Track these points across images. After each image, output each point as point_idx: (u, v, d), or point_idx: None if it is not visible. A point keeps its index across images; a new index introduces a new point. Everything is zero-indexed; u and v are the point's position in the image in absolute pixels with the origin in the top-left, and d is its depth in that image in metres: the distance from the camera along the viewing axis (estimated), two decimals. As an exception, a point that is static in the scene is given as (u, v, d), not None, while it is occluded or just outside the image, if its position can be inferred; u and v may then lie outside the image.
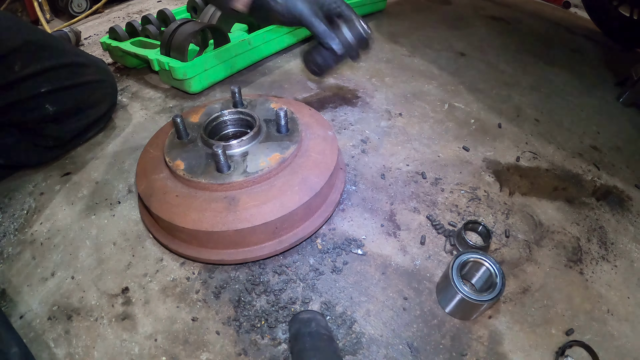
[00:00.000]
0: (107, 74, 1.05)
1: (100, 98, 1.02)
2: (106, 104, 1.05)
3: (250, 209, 0.67)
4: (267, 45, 1.38)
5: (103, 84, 1.02)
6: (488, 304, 0.62)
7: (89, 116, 1.00)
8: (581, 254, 0.81)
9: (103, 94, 1.03)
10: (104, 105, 1.04)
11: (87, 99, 0.98)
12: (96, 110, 1.02)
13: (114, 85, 1.08)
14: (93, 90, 0.99)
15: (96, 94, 1.00)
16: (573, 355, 0.65)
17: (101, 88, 1.01)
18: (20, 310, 0.70)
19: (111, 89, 1.06)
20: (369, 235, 0.81)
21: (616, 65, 1.62)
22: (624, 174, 1.03)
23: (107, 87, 1.04)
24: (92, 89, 0.98)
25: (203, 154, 0.75)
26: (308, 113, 0.91)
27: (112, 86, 1.07)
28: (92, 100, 0.99)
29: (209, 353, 0.63)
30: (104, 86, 1.02)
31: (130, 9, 2.12)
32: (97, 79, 0.99)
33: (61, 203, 0.88)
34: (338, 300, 0.70)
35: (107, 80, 1.04)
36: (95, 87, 0.99)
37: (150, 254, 0.78)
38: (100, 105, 1.03)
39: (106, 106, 1.05)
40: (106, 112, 1.06)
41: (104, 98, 1.03)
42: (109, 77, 1.05)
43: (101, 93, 1.02)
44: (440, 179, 0.95)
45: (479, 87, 1.34)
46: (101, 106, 1.03)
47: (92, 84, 0.97)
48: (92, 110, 1.00)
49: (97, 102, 1.01)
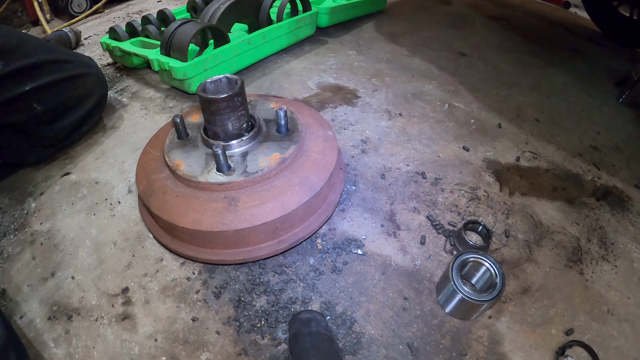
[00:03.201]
0: (92, 67, 1.04)
1: (87, 91, 1.02)
2: (95, 96, 1.04)
3: (250, 209, 0.67)
4: (267, 45, 1.38)
5: (88, 77, 1.01)
6: (488, 304, 0.62)
7: (79, 111, 1.00)
8: (581, 254, 0.81)
9: (90, 87, 1.02)
10: (93, 98, 1.03)
11: (74, 93, 0.98)
12: (86, 104, 1.01)
13: (101, 77, 1.08)
14: (79, 84, 0.98)
15: (83, 88, 1.00)
16: (573, 355, 0.65)
17: (87, 81, 1.01)
18: (20, 310, 0.70)
19: (98, 81, 1.06)
20: (369, 235, 0.81)
21: (616, 65, 1.62)
22: (624, 174, 1.03)
23: (94, 80, 1.04)
24: (78, 83, 0.98)
25: (203, 154, 0.75)
26: (308, 113, 0.91)
27: (98, 78, 1.06)
28: (79, 95, 0.99)
29: (209, 353, 0.63)
30: (90, 79, 1.02)
31: (130, 9, 2.12)
32: (81, 73, 0.99)
33: (61, 203, 0.88)
34: (338, 300, 0.70)
35: (92, 73, 1.03)
36: (80, 81, 0.99)
37: (150, 254, 0.78)
38: (89, 98, 1.02)
39: (95, 99, 1.04)
40: (96, 104, 1.05)
41: (92, 90, 1.03)
42: (94, 70, 1.05)
43: (88, 86, 1.02)
44: (440, 179, 0.95)
45: (479, 87, 1.33)
46: (90, 99, 1.03)
47: (77, 79, 0.97)
48: (82, 105, 1.00)
49: (86, 96, 1.01)
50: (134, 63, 1.35)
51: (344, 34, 1.68)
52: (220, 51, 1.21)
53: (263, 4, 1.42)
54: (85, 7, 2.08)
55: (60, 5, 2.04)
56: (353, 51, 1.53)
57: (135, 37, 1.37)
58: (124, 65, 1.41)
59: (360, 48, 1.56)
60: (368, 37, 1.66)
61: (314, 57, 1.48)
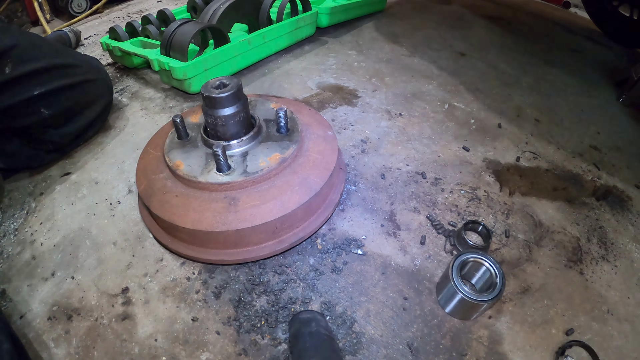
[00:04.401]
0: (100, 72, 1.04)
1: (95, 97, 1.01)
2: (101, 102, 1.04)
3: (250, 209, 0.67)
4: (267, 45, 1.38)
5: (96, 83, 1.01)
6: (488, 304, 0.62)
7: (86, 117, 0.99)
8: (581, 254, 0.81)
9: (97, 93, 1.02)
10: (99, 104, 1.03)
11: (82, 99, 0.97)
12: (92, 110, 1.01)
13: (108, 83, 1.07)
14: (87, 90, 0.98)
15: (90, 94, 1.00)
16: (573, 355, 0.65)
17: (95, 87, 1.01)
18: (20, 310, 0.70)
19: (105, 87, 1.06)
20: (369, 235, 0.81)
21: (616, 65, 1.62)
22: (624, 174, 1.03)
23: (101, 86, 1.03)
24: (86, 88, 0.98)
25: (203, 154, 0.75)
26: (308, 113, 0.91)
27: (106, 84, 1.06)
28: (86, 100, 0.99)
29: (209, 353, 0.63)
30: (98, 85, 1.02)
31: (130, 9, 2.12)
32: (89, 79, 0.98)
33: (61, 203, 0.88)
34: (338, 300, 0.70)
35: (100, 79, 1.03)
36: (88, 86, 0.98)
37: (150, 254, 0.78)
38: (96, 104, 1.02)
39: (102, 105, 1.04)
40: (102, 110, 1.05)
41: (99, 97, 1.03)
42: (102, 75, 1.04)
43: (95, 92, 1.01)
44: (440, 179, 0.95)
45: (479, 87, 1.33)
46: (97, 105, 1.02)
47: (85, 84, 0.97)
48: (88, 110, 1.00)
49: (92, 102, 1.01)
50: (134, 63, 1.36)
51: (344, 34, 1.68)
52: (220, 51, 1.21)
53: (263, 4, 1.42)
54: (85, 7, 2.08)
55: (60, 5, 2.04)
56: (353, 51, 1.53)
57: (135, 37, 1.37)
58: (124, 65, 1.41)
59: (360, 48, 1.56)
60: (368, 37, 1.66)
61: (314, 57, 1.48)
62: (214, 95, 0.69)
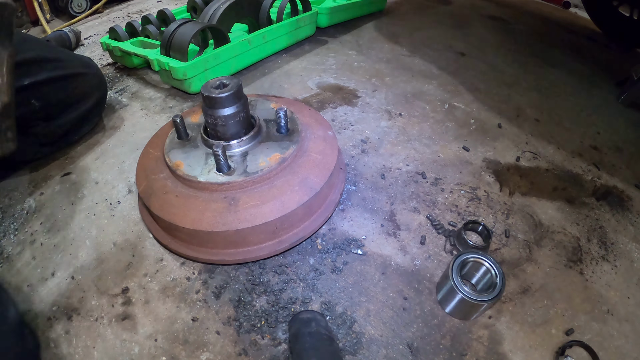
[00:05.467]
0: (91, 67, 1.04)
1: (87, 90, 1.02)
2: (95, 96, 1.04)
3: (250, 209, 0.67)
4: (267, 45, 1.38)
5: (87, 76, 1.02)
6: (488, 304, 0.62)
7: (78, 109, 1.00)
8: (581, 254, 0.81)
9: (89, 87, 1.03)
10: (92, 98, 1.03)
11: (73, 92, 0.98)
12: (85, 103, 1.01)
13: (100, 77, 1.08)
14: (78, 83, 0.99)
15: (82, 87, 1.00)
16: (573, 355, 0.65)
17: (86, 80, 1.01)
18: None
19: (98, 80, 1.06)
20: (369, 235, 0.81)
21: (616, 65, 1.62)
22: (624, 174, 1.03)
23: (93, 80, 1.04)
24: (77, 81, 0.98)
25: (203, 154, 0.75)
26: (308, 113, 0.91)
27: (98, 78, 1.06)
28: (78, 93, 0.99)
29: (209, 353, 0.63)
30: (89, 78, 1.02)
31: (130, 9, 2.12)
32: (80, 72, 0.99)
33: (61, 203, 0.88)
34: (338, 300, 0.70)
35: (91, 73, 1.03)
36: (79, 79, 0.99)
37: (150, 254, 0.78)
38: (88, 97, 1.02)
39: (95, 98, 1.04)
40: (96, 104, 1.05)
41: (91, 90, 1.03)
42: (94, 70, 1.05)
43: (87, 85, 1.02)
44: (440, 179, 0.95)
45: (479, 87, 1.33)
46: (89, 99, 1.03)
47: (76, 77, 0.98)
48: (81, 104, 1.00)
49: (85, 95, 1.01)
50: (134, 63, 1.35)
51: (344, 34, 1.68)
52: (220, 51, 1.21)
53: (263, 4, 1.42)
54: (85, 7, 2.08)
55: (60, 5, 2.04)
56: (353, 51, 1.53)
57: (135, 37, 1.37)
58: (124, 65, 1.41)
59: (360, 48, 1.56)
60: (368, 37, 1.66)
61: (314, 57, 1.48)
62: (214, 95, 0.69)
